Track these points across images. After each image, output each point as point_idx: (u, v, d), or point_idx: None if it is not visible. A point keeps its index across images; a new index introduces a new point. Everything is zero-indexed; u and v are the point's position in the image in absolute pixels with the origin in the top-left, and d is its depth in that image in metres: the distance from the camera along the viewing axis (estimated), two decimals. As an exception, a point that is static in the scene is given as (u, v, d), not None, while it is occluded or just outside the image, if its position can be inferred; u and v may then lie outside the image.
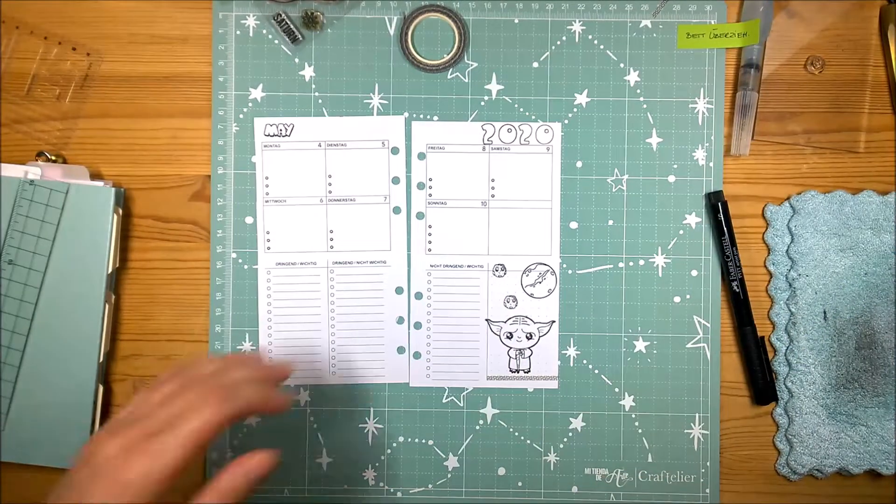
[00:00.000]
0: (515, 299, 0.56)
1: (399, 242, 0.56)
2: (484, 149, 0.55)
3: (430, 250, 0.56)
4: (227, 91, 0.56)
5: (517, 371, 0.56)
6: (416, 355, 0.56)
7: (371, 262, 0.56)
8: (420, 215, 0.56)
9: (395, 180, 0.56)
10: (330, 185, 0.56)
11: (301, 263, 0.56)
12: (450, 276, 0.56)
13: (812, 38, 0.56)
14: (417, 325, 0.56)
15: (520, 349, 0.56)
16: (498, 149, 0.55)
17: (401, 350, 0.56)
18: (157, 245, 0.56)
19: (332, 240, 0.56)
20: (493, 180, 0.55)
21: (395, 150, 0.56)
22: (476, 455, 0.56)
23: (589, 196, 0.56)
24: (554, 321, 0.56)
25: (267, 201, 0.56)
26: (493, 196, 0.55)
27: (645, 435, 0.56)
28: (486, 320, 0.56)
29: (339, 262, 0.56)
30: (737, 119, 0.55)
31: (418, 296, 0.56)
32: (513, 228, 0.56)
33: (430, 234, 0.56)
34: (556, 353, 0.56)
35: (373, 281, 0.56)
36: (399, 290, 0.56)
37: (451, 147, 0.55)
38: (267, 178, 0.56)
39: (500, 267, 0.56)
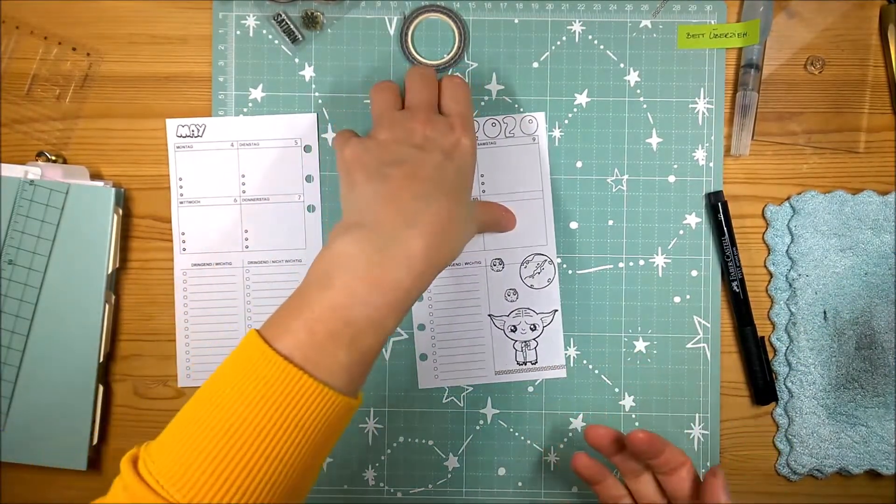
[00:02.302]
0: (516, 292, 0.56)
1: (314, 241, 0.56)
2: None
3: None
4: (227, 91, 0.56)
5: (524, 363, 0.56)
6: (423, 357, 0.56)
7: (287, 261, 0.56)
8: None
9: (309, 178, 0.56)
10: (243, 184, 0.56)
11: (216, 264, 0.56)
12: (448, 275, 0.56)
13: (812, 38, 0.56)
14: (421, 327, 0.56)
15: (525, 341, 0.56)
16: (483, 143, 0.55)
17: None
18: (157, 245, 0.56)
19: (247, 240, 0.56)
20: (482, 175, 0.55)
21: (307, 148, 0.56)
22: (476, 455, 0.56)
23: (589, 196, 0.56)
24: (556, 310, 0.56)
25: (181, 202, 0.56)
26: (483, 191, 0.55)
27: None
28: (489, 316, 0.56)
29: (255, 262, 0.56)
30: (737, 119, 0.55)
31: (419, 298, 0.56)
32: None
33: None
34: (562, 342, 0.56)
35: (289, 280, 0.56)
36: None
37: None
38: (181, 178, 0.56)
39: (497, 261, 0.56)
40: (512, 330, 0.56)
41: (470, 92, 0.51)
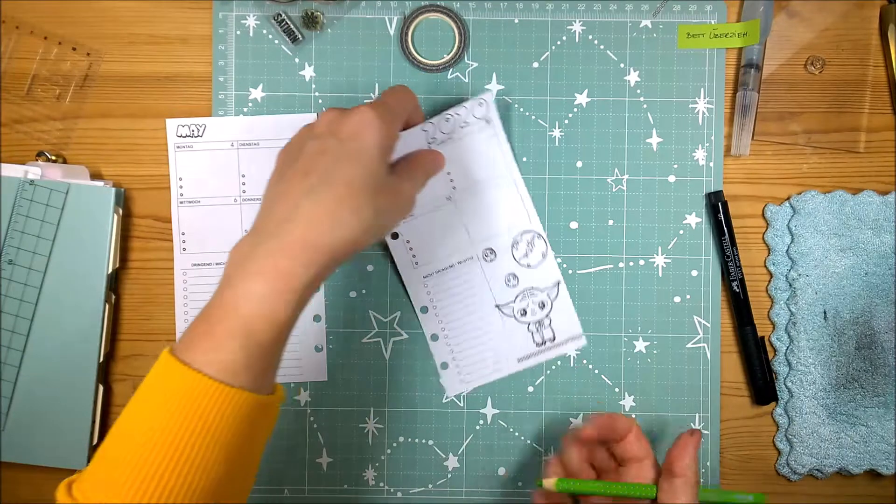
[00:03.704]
0: (515, 276, 0.56)
1: None
2: (431, 147, 0.54)
3: (416, 263, 0.56)
4: (227, 91, 0.56)
5: (543, 343, 0.56)
6: (444, 366, 0.56)
7: None
8: (395, 235, 0.55)
9: None
10: (244, 184, 0.56)
11: (217, 264, 0.56)
12: (445, 279, 0.56)
13: (812, 38, 0.56)
14: (434, 337, 0.56)
15: (538, 321, 0.56)
16: (443, 142, 0.54)
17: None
18: (157, 245, 0.56)
19: None
20: (448, 173, 0.55)
21: None
22: (476, 455, 0.56)
23: (589, 196, 0.56)
24: (559, 281, 0.56)
25: (181, 202, 0.56)
26: (454, 188, 0.55)
27: (645, 435, 0.56)
28: (496, 307, 0.56)
29: None
30: (737, 119, 0.55)
31: (424, 310, 0.56)
32: (485, 211, 0.55)
33: (411, 249, 0.55)
34: (574, 311, 0.56)
35: None
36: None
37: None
38: (181, 178, 0.56)
39: (488, 252, 0.55)
40: (522, 314, 0.55)
41: (407, 92, 0.50)
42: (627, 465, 0.49)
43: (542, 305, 0.55)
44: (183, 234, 0.56)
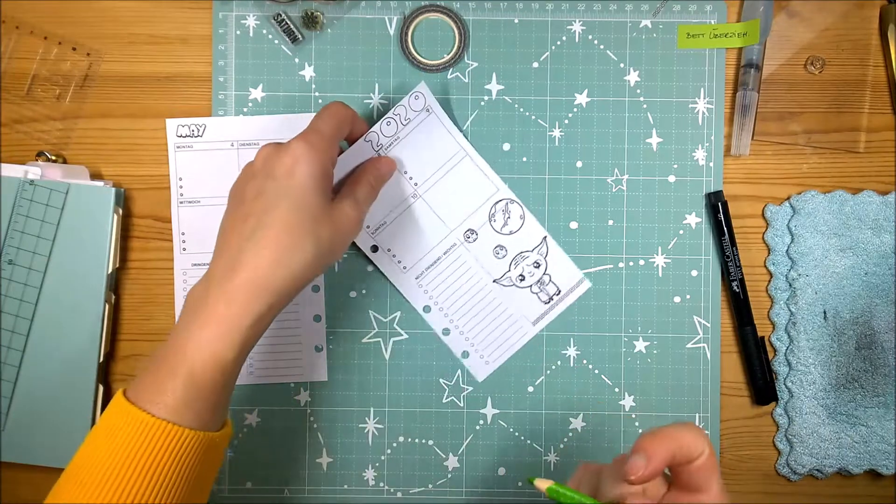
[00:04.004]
0: (502, 247, 0.56)
1: None
2: (380, 153, 0.54)
3: (404, 268, 0.56)
4: (227, 91, 0.56)
5: (550, 299, 0.56)
6: (465, 355, 0.56)
7: None
8: (374, 248, 0.55)
9: None
10: None
11: None
12: (437, 274, 0.56)
13: (812, 38, 0.56)
14: (446, 332, 0.56)
15: (538, 281, 0.56)
16: (390, 145, 0.54)
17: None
18: (157, 245, 0.56)
19: None
20: (406, 172, 0.55)
21: None
22: (476, 455, 0.56)
23: (589, 196, 0.56)
24: (545, 236, 0.56)
25: (181, 202, 0.56)
26: (416, 184, 0.55)
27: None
28: (494, 282, 0.56)
29: None
30: (737, 119, 0.55)
31: (427, 309, 0.56)
32: (452, 195, 0.55)
33: (394, 256, 0.56)
34: (570, 260, 0.56)
35: None
36: (315, 289, 0.56)
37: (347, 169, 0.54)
38: (181, 178, 0.56)
39: (468, 233, 0.55)
40: (521, 279, 0.56)
41: (340, 108, 0.49)
42: (679, 491, 0.37)
43: (538, 265, 0.56)
44: (183, 234, 0.56)
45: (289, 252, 0.43)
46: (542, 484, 0.40)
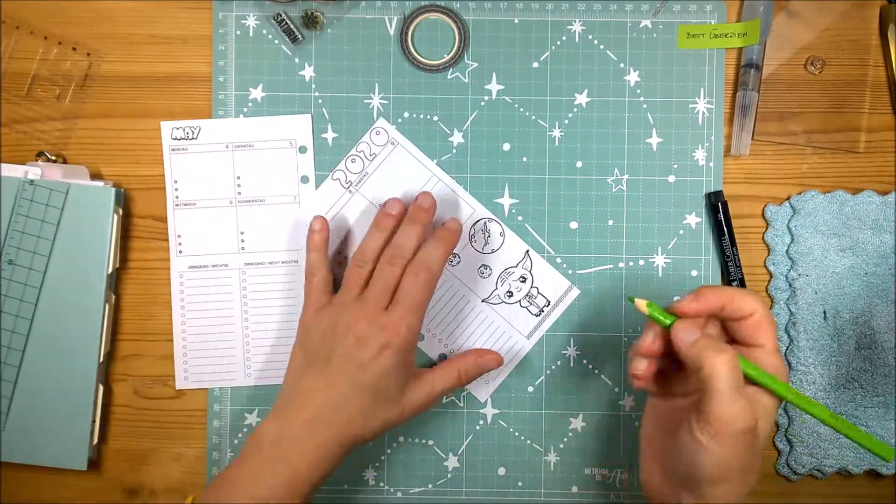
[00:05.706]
0: (486, 266, 0.56)
1: None
2: (351, 190, 0.55)
3: None
4: (227, 91, 0.56)
5: (541, 311, 0.56)
6: None
7: (283, 262, 0.56)
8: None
9: (304, 179, 0.56)
10: (239, 186, 0.56)
11: (213, 266, 0.56)
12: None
13: (812, 38, 0.56)
14: (443, 356, 0.56)
15: (527, 295, 0.56)
16: (360, 182, 0.55)
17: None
18: (157, 245, 0.56)
19: (243, 241, 0.56)
20: (384, 205, 0.53)
21: (302, 149, 0.56)
22: (476, 455, 0.56)
23: (589, 196, 0.56)
24: (527, 250, 0.56)
25: (177, 205, 0.56)
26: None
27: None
28: (483, 301, 0.56)
29: (251, 264, 0.56)
30: (737, 119, 0.55)
31: (420, 338, 0.56)
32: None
33: None
34: (554, 270, 0.56)
35: (286, 281, 0.56)
36: None
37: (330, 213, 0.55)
38: (176, 181, 0.56)
39: (450, 258, 0.55)
40: (509, 296, 0.56)
41: (446, 251, 0.51)
42: (737, 345, 0.43)
43: (524, 279, 0.56)
44: (179, 236, 0.56)
45: (364, 418, 0.48)
46: (642, 304, 0.44)
